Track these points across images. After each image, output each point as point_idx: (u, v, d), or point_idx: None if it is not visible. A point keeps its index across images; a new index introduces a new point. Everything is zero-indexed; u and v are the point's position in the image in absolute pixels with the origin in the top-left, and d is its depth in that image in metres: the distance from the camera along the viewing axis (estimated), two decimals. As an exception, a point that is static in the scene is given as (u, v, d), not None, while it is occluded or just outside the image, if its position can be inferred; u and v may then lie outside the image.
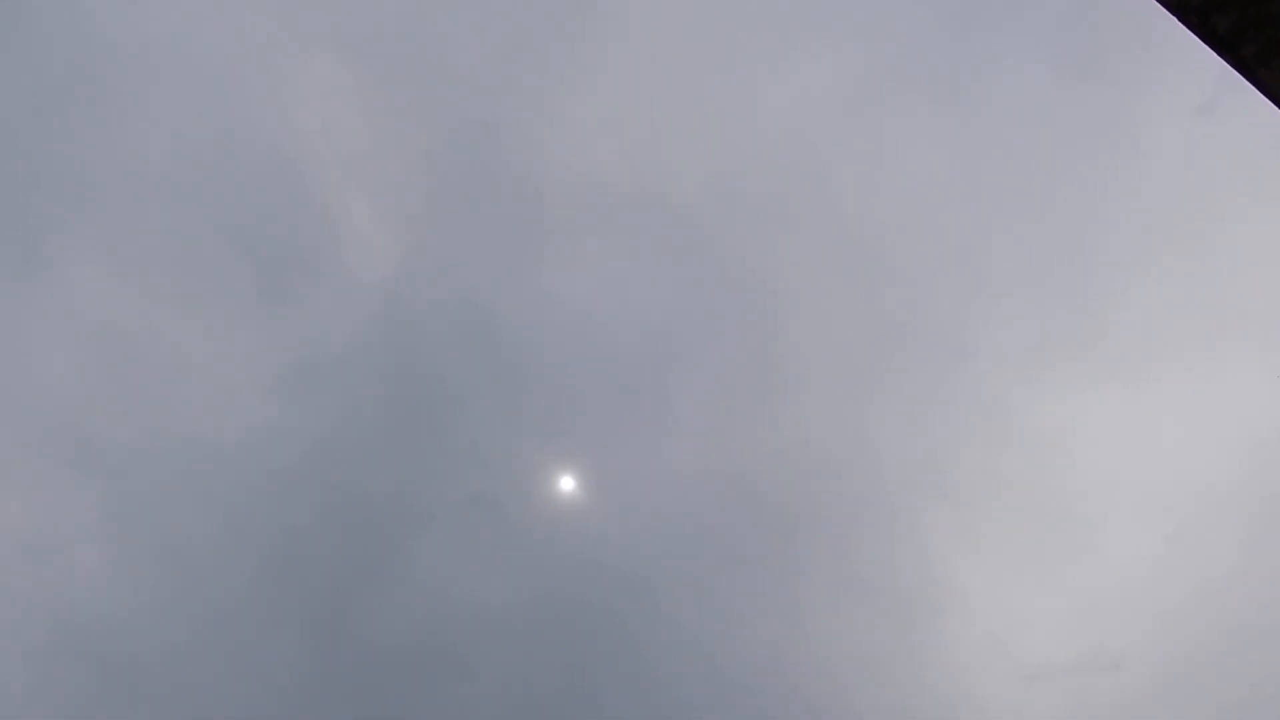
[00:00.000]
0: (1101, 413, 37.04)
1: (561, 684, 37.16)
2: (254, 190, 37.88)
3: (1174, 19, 7.57)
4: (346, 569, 37.76)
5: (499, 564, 36.51)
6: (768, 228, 36.70)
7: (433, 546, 37.19)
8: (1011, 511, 38.51)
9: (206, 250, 38.13)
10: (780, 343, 38.09)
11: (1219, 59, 7.60)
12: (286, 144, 37.65)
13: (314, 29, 39.31)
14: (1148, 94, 35.11)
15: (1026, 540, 38.09)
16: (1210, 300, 35.97)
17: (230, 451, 36.84)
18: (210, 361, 38.25)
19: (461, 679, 36.96)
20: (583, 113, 37.08)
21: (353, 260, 37.58)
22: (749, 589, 36.57)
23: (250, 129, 38.12)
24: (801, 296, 37.04)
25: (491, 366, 37.56)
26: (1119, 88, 35.79)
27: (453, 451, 37.04)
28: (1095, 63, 35.78)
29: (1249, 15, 7.18)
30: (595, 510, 36.71)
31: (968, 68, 37.27)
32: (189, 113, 38.37)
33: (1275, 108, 7.64)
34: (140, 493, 37.14)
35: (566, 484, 36.81)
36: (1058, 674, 36.15)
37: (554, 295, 36.04)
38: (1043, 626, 36.90)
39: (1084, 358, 36.97)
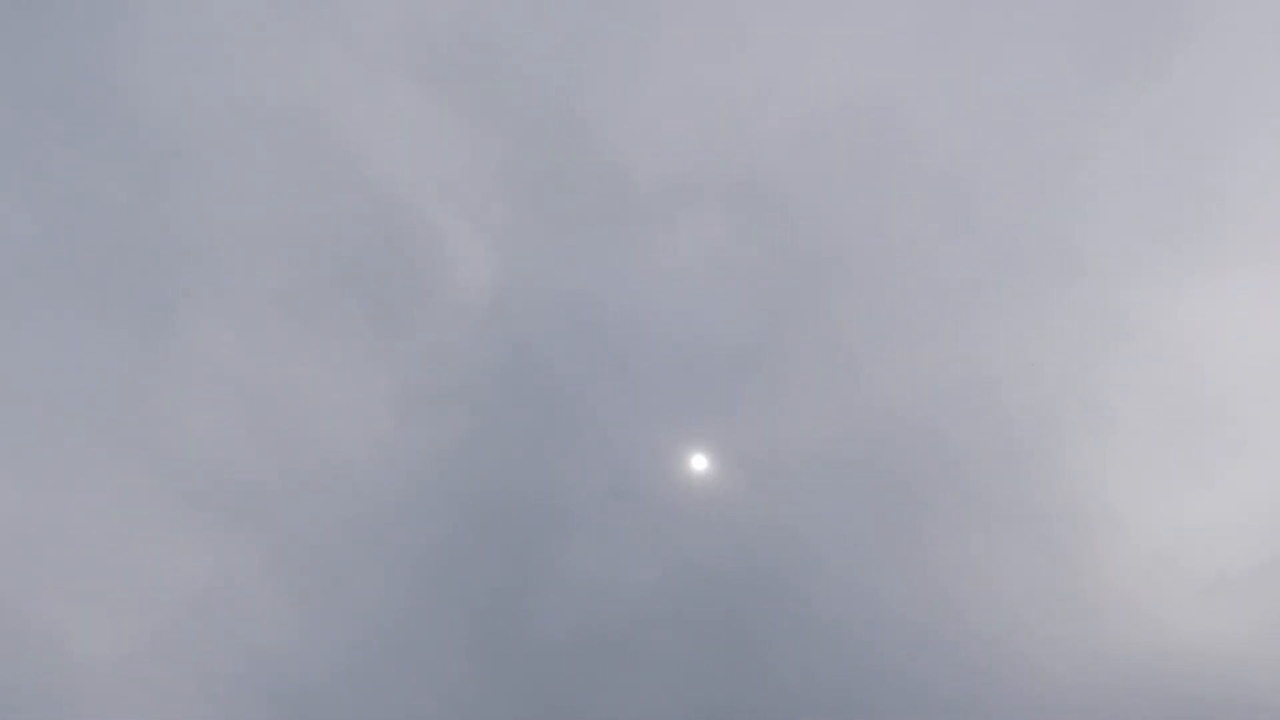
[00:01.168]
0: (1232, 298, 35.39)
1: (727, 656, 37.65)
2: (351, 228, 39.07)
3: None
4: (500, 575, 38.91)
5: (647, 549, 37.04)
6: (857, 179, 36.10)
7: (579, 542, 37.97)
8: (1155, 421, 37.23)
9: (317, 293, 39.55)
10: (886, 292, 37.54)
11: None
12: (374, 177, 38.68)
13: (379, 59, 40.22)
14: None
15: (1178, 449, 36.73)
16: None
17: (372, 476, 38.27)
18: (338, 396, 39.80)
19: (628, 665, 37.76)
20: (656, 92, 37.10)
21: (455, 275, 38.49)
22: (900, 534, 36.32)
23: (338, 169, 39.29)
24: (901, 243, 36.38)
25: (607, 358, 38.06)
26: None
27: (584, 448, 37.67)
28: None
29: None
30: (732, 482, 36.89)
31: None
32: (278, 165, 39.75)
33: None
34: (296, 529, 38.93)
35: (699, 462, 37.05)
36: (1239, 582, 34.90)
37: (659, 277, 36.24)
38: (1213, 536, 35.65)
39: (1203, 243, 35.35)
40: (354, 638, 44.56)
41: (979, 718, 41.09)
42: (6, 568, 38.40)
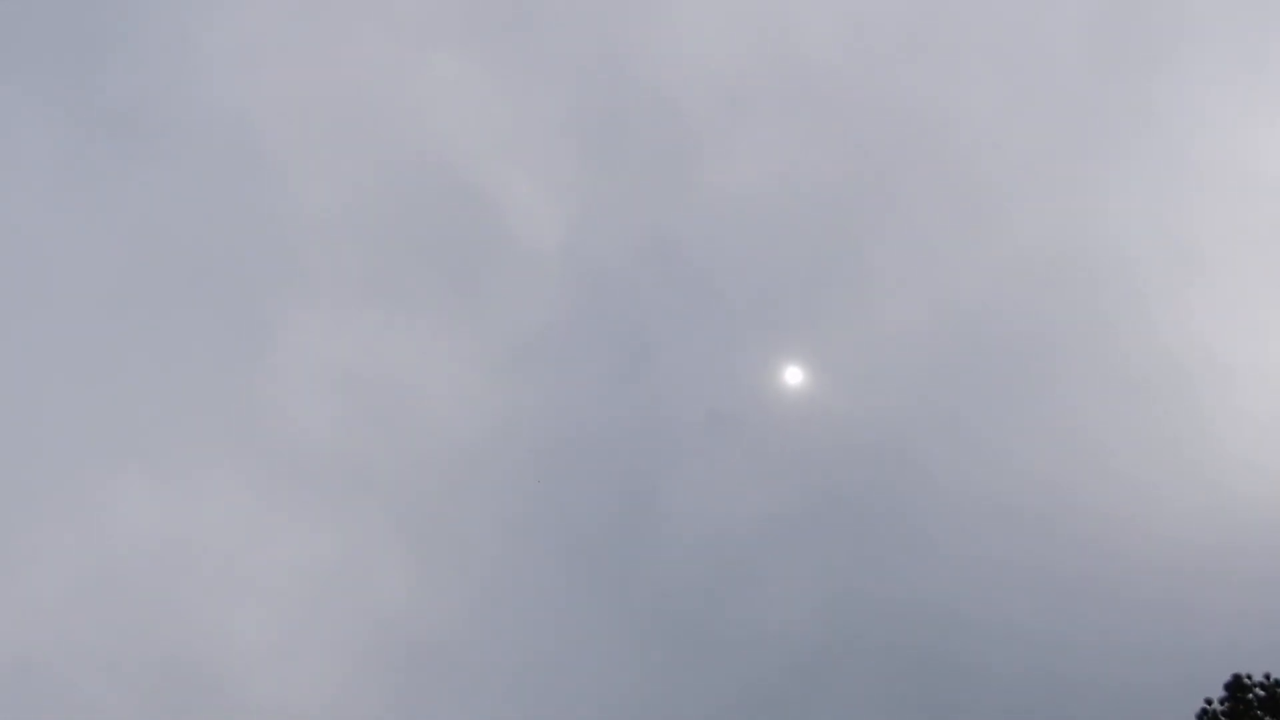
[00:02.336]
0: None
1: (845, 563, 37.66)
2: (419, 201, 39.84)
3: None
4: (612, 513, 39.57)
5: (756, 468, 37.34)
6: (914, 62, 35.33)
7: (685, 471, 38.41)
8: (1249, 259, 35.68)
9: (396, 270, 40.46)
10: (958, 174, 36.68)
11: None
12: (433, 148, 39.41)
13: (419, 33, 40.74)
14: None
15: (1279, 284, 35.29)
16: None
17: (474, 436, 39.30)
18: (431, 364, 40.71)
19: (758, 583, 38.09)
20: (693, 13, 36.92)
21: (525, 230, 39.03)
22: (1010, 416, 35.80)
23: (397, 147, 40.11)
24: (967, 120, 35.50)
25: (686, 288, 38.20)
26: None
27: (676, 379, 38.09)
28: None
29: None
30: (830, 391, 36.87)
31: None
32: (340, 152, 40.74)
33: None
34: (410, 497, 40.17)
35: (794, 375, 37.10)
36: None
37: (725, 198, 36.25)
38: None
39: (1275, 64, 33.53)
40: (476, 592, 45.95)
41: (1110, 599, 40.36)
42: (160, 570, 40.52)
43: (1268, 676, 21.43)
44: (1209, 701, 22.04)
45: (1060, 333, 36.76)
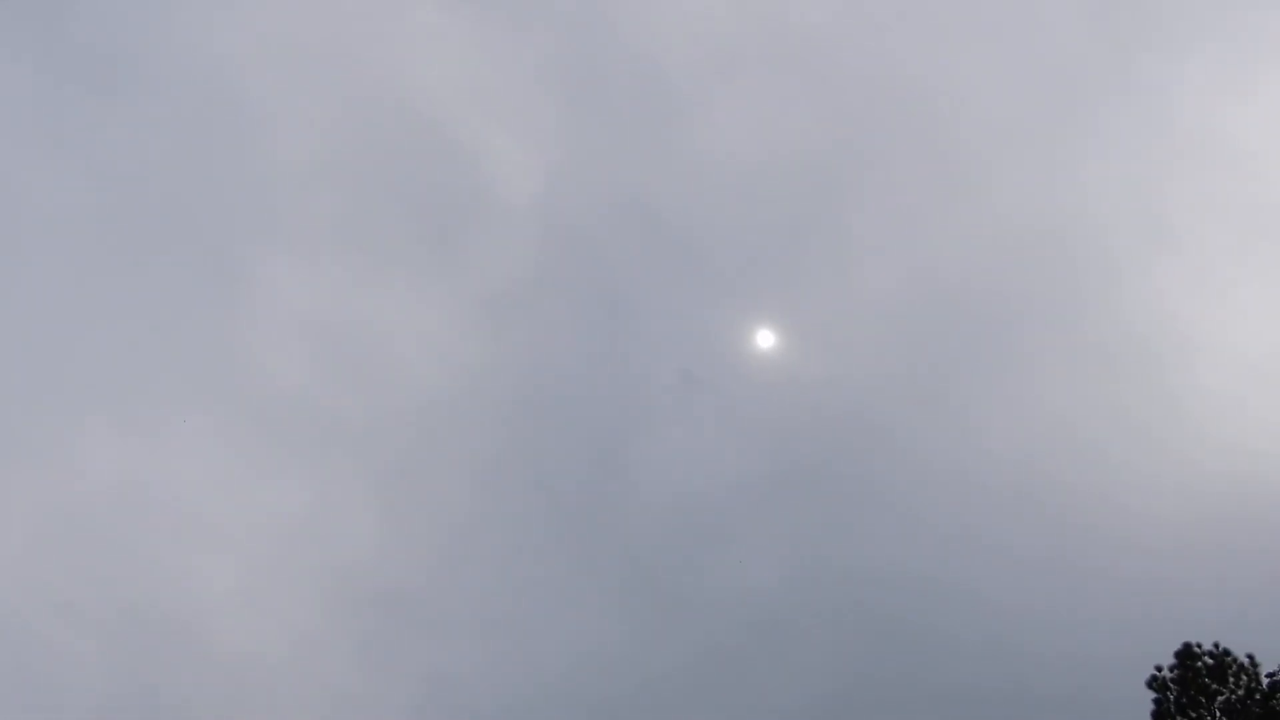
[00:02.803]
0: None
1: (822, 524, 37.90)
2: (396, 152, 39.31)
3: None
4: (582, 469, 39.61)
5: (726, 429, 37.43)
6: (900, 25, 34.99)
7: (658, 429, 38.46)
8: (1224, 237, 35.80)
9: (372, 221, 40.02)
10: (940, 141, 36.49)
11: None
12: (411, 99, 38.81)
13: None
14: None
15: (1253, 263, 35.46)
16: None
17: (447, 391, 39.15)
18: (405, 317, 40.42)
19: (725, 543, 38.30)
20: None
21: (504, 187, 38.62)
22: (982, 388, 35.96)
23: (375, 96, 39.48)
24: (951, 86, 35.27)
25: (662, 247, 38.01)
26: None
27: (650, 338, 38.02)
28: None
29: None
30: (802, 355, 36.90)
31: None
32: (317, 100, 40.07)
33: None
34: (382, 450, 40.06)
35: (767, 339, 37.09)
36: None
37: (704, 159, 35.96)
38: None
39: (1263, 42, 33.40)
40: (445, 544, 46.09)
41: (1076, 571, 40.86)
42: (127, 515, 40.34)
43: (1217, 646, 21.76)
44: (1159, 669, 22.39)
45: (1034, 306, 36.86)
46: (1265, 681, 21.03)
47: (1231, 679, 21.52)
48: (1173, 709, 22.16)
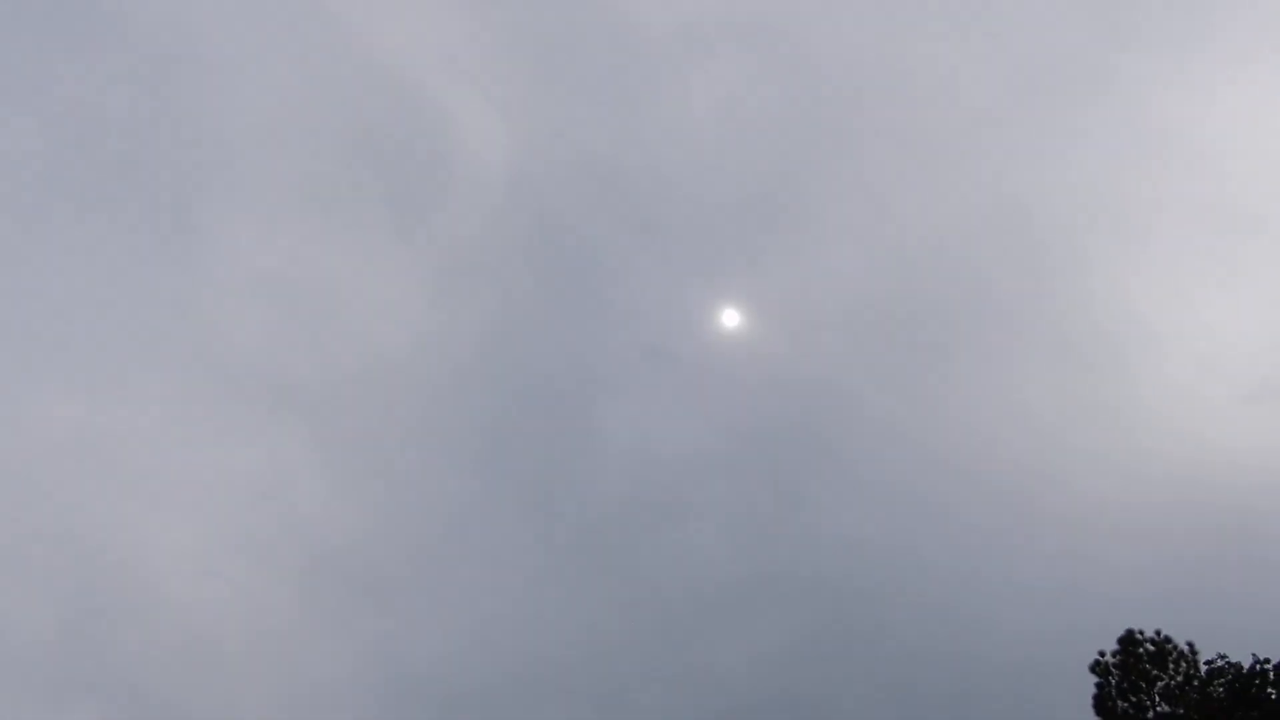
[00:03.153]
0: (1262, 94, 34.02)
1: (774, 507, 38.35)
2: (362, 112, 38.54)
3: None
4: (546, 445, 39.61)
5: (686, 407, 37.59)
6: (872, 6, 34.81)
7: (620, 407, 38.50)
8: (1187, 233, 36.48)
9: (335, 182, 39.31)
10: (909, 125, 36.55)
11: None
12: (380, 59, 37.96)
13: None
14: None
15: (1213, 260, 36.21)
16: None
17: (408, 360, 38.81)
18: (365, 282, 39.92)
19: (679, 523, 38.60)
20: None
21: (470, 151, 38.07)
22: (944, 368, 36.44)
23: (342, 55, 38.56)
24: (922, 70, 35.23)
25: (630, 220, 37.80)
26: None
27: (615, 313, 37.93)
28: None
29: None
30: (765, 335, 37.05)
31: None
32: (282, 56, 39.04)
33: None
34: (340, 417, 39.70)
35: (730, 318, 37.18)
36: (1281, 388, 34.69)
37: (674, 133, 35.67)
38: (1253, 344, 35.34)
39: (1232, 44, 33.72)
40: (399, 510, 45.89)
41: (1023, 546, 41.86)
42: (76, 475, 39.63)
43: (1158, 633, 22.45)
44: (1102, 654, 23.05)
45: (1000, 291, 37.30)
46: (1204, 669, 21.76)
47: (1171, 665, 22.23)
48: (1114, 693, 22.88)
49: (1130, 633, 22.25)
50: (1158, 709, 21.44)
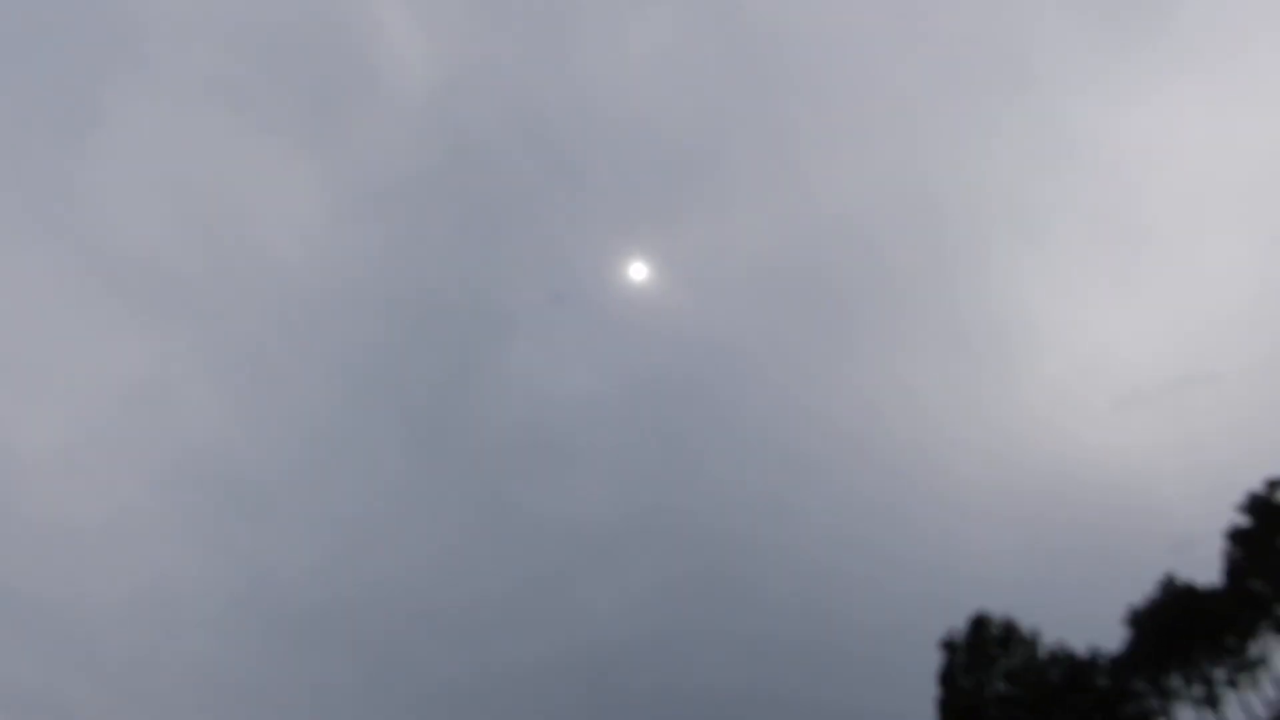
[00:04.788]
0: (1175, 113, 35.51)
1: (662, 457, 38.96)
2: (286, 14, 36.71)
3: None
4: (439, 374, 39.27)
5: (587, 354, 37.58)
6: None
7: (519, 345, 38.29)
8: (1085, 239, 38.08)
9: (253, 86, 37.63)
10: (835, 103, 36.85)
11: None
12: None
13: None
14: None
15: (1104, 267, 37.85)
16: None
17: (306, 272, 37.77)
18: (271, 188, 38.56)
19: (568, 465, 38.92)
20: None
21: (394, 69, 36.77)
22: (839, 339, 37.24)
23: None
24: (853, 53, 35.44)
25: (550, 159, 37.21)
26: None
27: (525, 255, 37.51)
28: None
29: None
30: (671, 291, 37.21)
31: None
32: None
33: None
34: (229, 324, 38.52)
35: (638, 271, 37.24)
36: (1151, 395, 36.79)
37: (600, 84, 35.13)
38: (1130, 351, 37.20)
39: (1151, 57, 34.96)
40: (294, 439, 44.88)
41: (897, 518, 43.67)
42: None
43: (1008, 618, 23.81)
44: (953, 631, 24.36)
45: (902, 275, 38.29)
46: (1044, 655, 23.20)
47: (1015, 649, 23.62)
48: (959, 669, 24.22)
49: (980, 615, 23.50)
50: (997, 687, 22.76)
